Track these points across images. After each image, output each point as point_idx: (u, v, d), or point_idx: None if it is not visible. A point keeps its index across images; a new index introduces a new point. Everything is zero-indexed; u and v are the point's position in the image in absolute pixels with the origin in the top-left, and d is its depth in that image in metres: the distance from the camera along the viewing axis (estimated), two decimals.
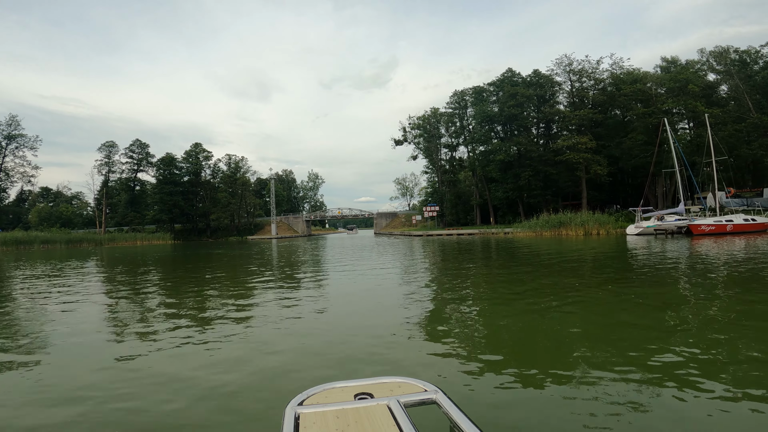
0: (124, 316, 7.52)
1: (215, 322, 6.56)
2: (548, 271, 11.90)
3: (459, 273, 12.61)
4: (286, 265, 17.58)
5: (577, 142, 41.34)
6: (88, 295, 10.00)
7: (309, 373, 4.10)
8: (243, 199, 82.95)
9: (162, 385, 3.90)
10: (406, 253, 21.86)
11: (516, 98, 47.92)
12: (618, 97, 43.81)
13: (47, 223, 76.27)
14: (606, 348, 4.62)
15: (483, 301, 7.89)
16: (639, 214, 31.61)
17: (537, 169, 46.19)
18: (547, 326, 5.68)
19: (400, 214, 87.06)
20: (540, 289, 8.72)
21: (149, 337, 5.79)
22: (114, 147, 79.56)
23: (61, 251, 42.37)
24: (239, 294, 9.59)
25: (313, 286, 10.85)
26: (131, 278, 13.80)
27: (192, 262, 21.66)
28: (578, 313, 6.48)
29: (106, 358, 4.88)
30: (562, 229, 35.42)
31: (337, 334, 5.69)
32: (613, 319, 6.08)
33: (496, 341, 5.20)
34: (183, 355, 4.91)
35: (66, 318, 7.31)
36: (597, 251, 19.10)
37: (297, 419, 1.28)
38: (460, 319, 6.41)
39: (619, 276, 10.79)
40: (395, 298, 8.25)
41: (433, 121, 69.47)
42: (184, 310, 7.81)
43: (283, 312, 7.25)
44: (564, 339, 5.07)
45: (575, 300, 7.49)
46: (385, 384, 1.53)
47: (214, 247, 40.07)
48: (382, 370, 4.13)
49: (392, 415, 1.28)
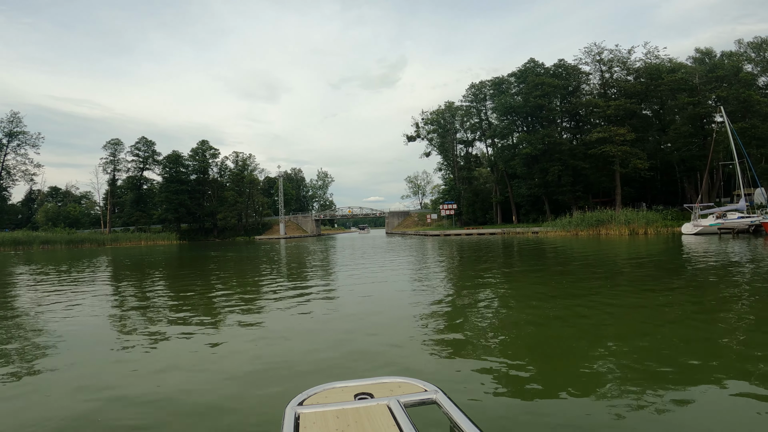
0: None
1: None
2: (616, 280, 8.87)
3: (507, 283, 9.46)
4: (295, 270, 14.54)
5: (614, 133, 37.52)
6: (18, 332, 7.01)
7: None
8: (251, 198, 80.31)
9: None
10: (431, 256, 18.65)
11: (542, 88, 44.38)
12: (657, 87, 39.99)
13: (54, 223, 75.76)
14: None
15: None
16: (697, 211, 27.94)
17: (567, 163, 42.39)
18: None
19: (412, 213, 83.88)
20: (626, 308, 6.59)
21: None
22: (119, 145, 77.45)
23: (59, 252, 39.96)
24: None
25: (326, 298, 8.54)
26: (101, 292, 10.84)
27: (187, 266, 18.71)
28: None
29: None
30: (601, 228, 31.93)
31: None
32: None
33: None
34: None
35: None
36: (655, 253, 15.87)
37: (297, 419, 1.26)
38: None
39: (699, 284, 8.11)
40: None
41: (448, 116, 66.17)
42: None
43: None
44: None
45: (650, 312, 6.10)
46: (385, 384, 1.51)
47: (218, 248, 37.14)
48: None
49: (392, 415, 1.26)
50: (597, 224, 32.05)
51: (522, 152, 44.39)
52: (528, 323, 5.69)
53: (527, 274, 11.46)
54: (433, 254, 20.18)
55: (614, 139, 37.78)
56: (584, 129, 46.06)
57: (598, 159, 40.97)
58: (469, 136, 66.25)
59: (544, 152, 43.76)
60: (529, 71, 50.50)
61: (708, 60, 48.52)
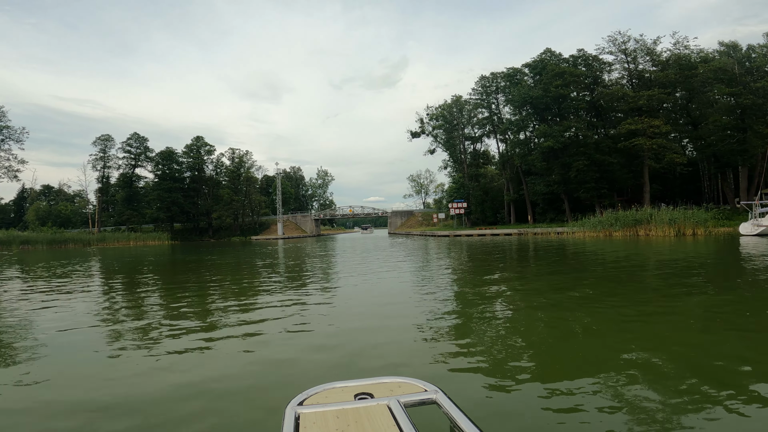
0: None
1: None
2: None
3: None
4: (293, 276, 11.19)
5: (647, 125, 34.14)
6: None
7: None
8: (248, 197, 76.66)
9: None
10: (452, 258, 15.26)
11: (564, 77, 41.08)
12: (691, 78, 36.73)
13: (45, 222, 73.17)
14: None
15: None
16: (756, 209, 24.65)
17: (592, 157, 38.99)
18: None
19: (416, 213, 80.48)
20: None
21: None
22: (110, 141, 73.92)
23: (35, 254, 36.32)
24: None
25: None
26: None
27: (158, 274, 15.25)
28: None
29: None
30: (639, 229, 28.61)
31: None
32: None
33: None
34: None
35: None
36: (724, 258, 12.60)
37: (297, 419, 1.26)
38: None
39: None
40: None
41: (455, 111, 62.81)
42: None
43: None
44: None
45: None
46: (385, 384, 1.50)
47: (208, 250, 33.60)
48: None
49: (392, 415, 1.26)
50: (634, 224, 28.72)
51: (543, 145, 40.96)
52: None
53: (571, 283, 8.10)
54: (461, 259, 16.78)
55: (648, 132, 34.44)
56: (609, 121, 42.70)
57: (626, 154, 37.72)
58: (476, 131, 62.97)
59: (566, 146, 40.38)
60: (545, 62, 47.30)
61: (733, 54, 45.79)
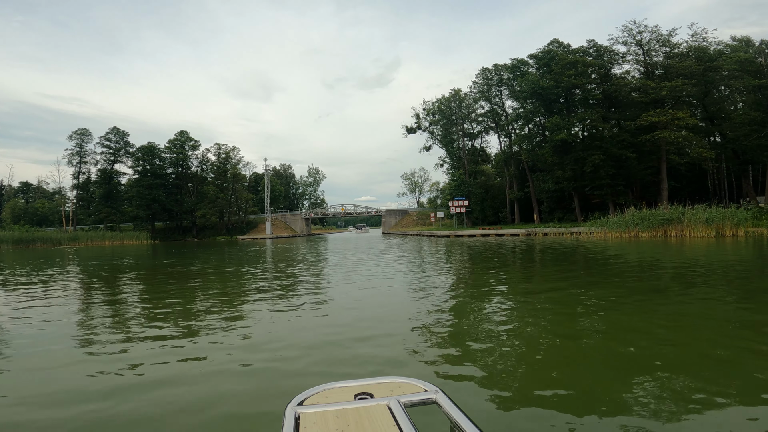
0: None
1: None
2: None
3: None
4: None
5: (672, 117, 31.49)
6: None
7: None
8: (234, 194, 72.69)
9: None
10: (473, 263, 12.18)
11: (576, 67, 38.35)
12: (714, 69, 34.28)
13: (23, 220, 70.17)
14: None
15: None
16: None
17: (609, 152, 36.26)
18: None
19: (411, 212, 77.31)
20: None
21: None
22: (87, 135, 69.44)
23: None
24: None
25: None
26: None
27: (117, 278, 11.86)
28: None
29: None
30: (669, 229, 25.89)
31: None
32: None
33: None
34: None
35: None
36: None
37: (297, 419, 1.26)
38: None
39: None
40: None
41: (453, 106, 59.82)
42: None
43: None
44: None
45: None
46: (385, 384, 1.49)
47: (183, 251, 29.96)
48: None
49: (392, 415, 1.26)
50: (663, 223, 26.01)
51: (555, 138, 38.09)
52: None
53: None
54: (481, 262, 13.63)
55: (672, 125, 31.83)
56: (623, 114, 40.04)
57: (641, 149, 35.13)
58: (476, 127, 60.13)
59: (581, 139, 37.56)
60: (553, 53, 44.58)
61: (747, 48, 43.88)
